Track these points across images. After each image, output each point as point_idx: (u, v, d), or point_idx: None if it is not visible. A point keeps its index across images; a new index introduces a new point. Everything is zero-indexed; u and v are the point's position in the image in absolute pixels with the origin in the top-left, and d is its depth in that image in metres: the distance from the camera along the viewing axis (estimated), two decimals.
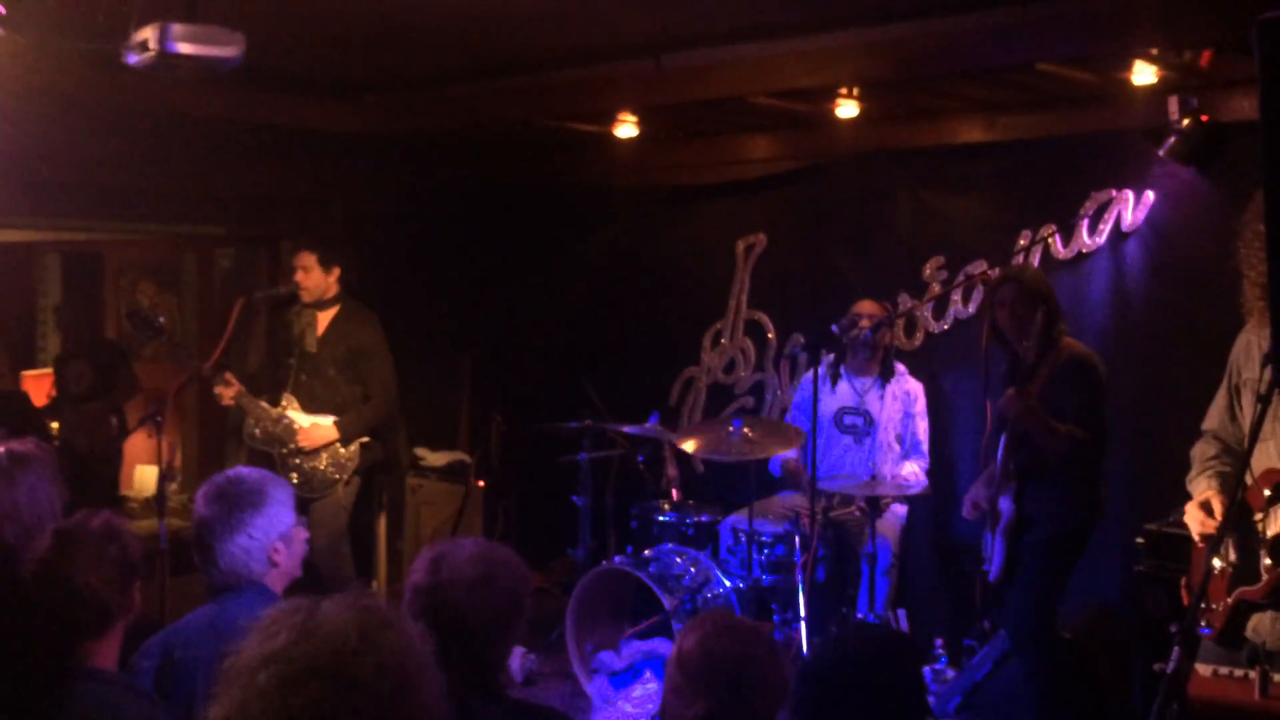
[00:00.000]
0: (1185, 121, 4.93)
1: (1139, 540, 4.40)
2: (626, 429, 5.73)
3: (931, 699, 4.81)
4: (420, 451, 7.15)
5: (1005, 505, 4.41)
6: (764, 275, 6.50)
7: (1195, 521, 3.10)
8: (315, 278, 5.60)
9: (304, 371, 5.62)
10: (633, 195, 7.01)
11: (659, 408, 6.15)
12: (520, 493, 7.04)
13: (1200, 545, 3.09)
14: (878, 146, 6.06)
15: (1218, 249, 3.40)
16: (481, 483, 6.86)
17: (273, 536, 2.77)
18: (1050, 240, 5.41)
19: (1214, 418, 3.30)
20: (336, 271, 5.64)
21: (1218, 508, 3.06)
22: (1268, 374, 2.45)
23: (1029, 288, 4.36)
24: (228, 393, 5.42)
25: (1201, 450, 3.30)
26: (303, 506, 5.40)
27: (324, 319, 5.67)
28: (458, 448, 7.41)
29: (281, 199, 6.68)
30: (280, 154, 6.50)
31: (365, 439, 5.58)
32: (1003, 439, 4.38)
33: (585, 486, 5.68)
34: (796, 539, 5.10)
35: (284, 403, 5.56)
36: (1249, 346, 3.13)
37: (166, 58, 3.32)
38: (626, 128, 6.29)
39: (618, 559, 5.26)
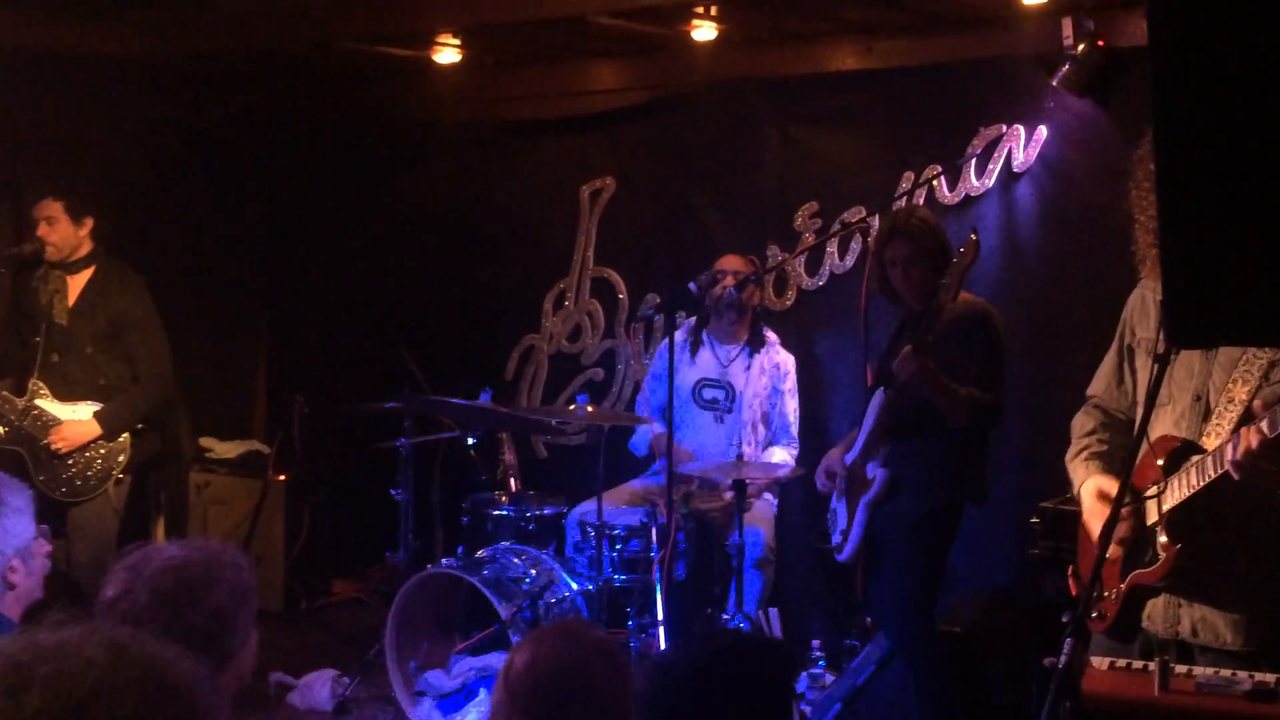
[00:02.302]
0: (1080, 46, 5.09)
1: (1033, 520, 4.54)
2: (455, 403, 5.67)
3: (808, 708, 4.92)
4: (207, 442, 7.01)
5: (874, 471, 4.48)
6: (613, 226, 6.51)
7: (1099, 519, 3.13)
8: (62, 231, 5.36)
9: (55, 350, 5.40)
10: (458, 132, 6.95)
11: (493, 382, 6.11)
12: (329, 487, 6.96)
13: (1092, 535, 3.17)
14: (740, 75, 6.11)
15: (1118, 191, 3.51)
16: (282, 476, 6.74)
17: (7, 554, 2.66)
18: (935, 183, 5.54)
19: (1100, 382, 3.41)
20: (89, 224, 5.41)
21: (1112, 492, 3.11)
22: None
23: (922, 242, 4.39)
24: None
25: (1080, 423, 3.41)
26: (61, 513, 5.23)
27: (76, 284, 5.44)
28: (252, 436, 7.27)
29: (23, 137, 6.38)
30: (21, 83, 6.20)
31: (138, 427, 5.41)
32: (876, 396, 4.46)
33: (406, 478, 5.61)
34: (653, 531, 5.12)
35: (31, 390, 5.34)
36: (1143, 302, 3.24)
37: None
38: (447, 52, 6.19)
39: (446, 562, 5.22)
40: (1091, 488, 3.21)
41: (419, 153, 7.05)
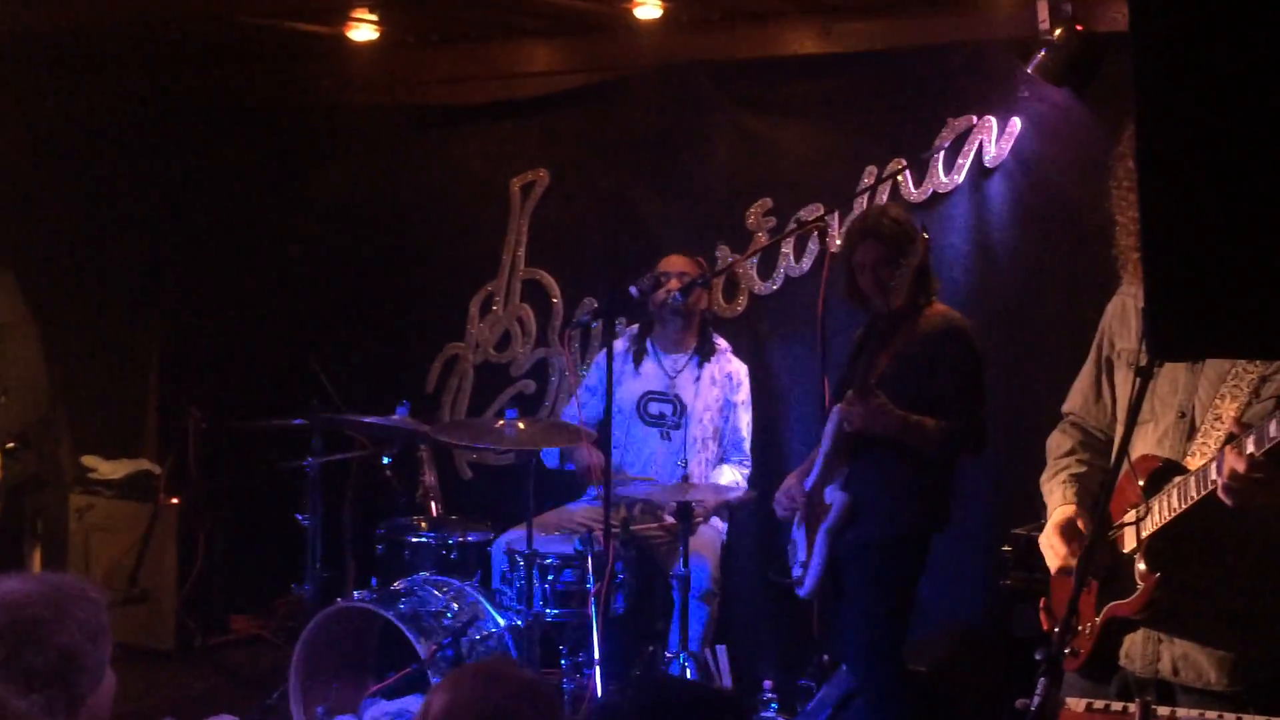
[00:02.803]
0: (1057, 32, 5.16)
1: (1006, 549, 4.58)
2: (369, 420, 5.64)
3: None
4: (90, 461, 6.90)
5: (833, 496, 4.50)
6: (546, 223, 6.51)
7: (1052, 552, 3.16)
8: None
9: None
10: (374, 119, 6.92)
11: (412, 395, 6.07)
12: (228, 512, 6.89)
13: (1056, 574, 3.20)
14: (688, 58, 6.13)
15: (1098, 188, 3.54)
16: (175, 499, 6.67)
17: None
18: (900, 178, 5.58)
19: (1076, 397, 3.44)
20: None
21: (1086, 529, 3.14)
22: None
23: (895, 243, 4.40)
24: None
25: (1056, 443, 3.44)
26: None
27: None
28: (142, 454, 7.19)
29: None
30: None
31: (9, 445, 5.33)
32: (834, 412, 4.48)
33: (314, 501, 5.57)
34: (589, 561, 5.12)
35: None
36: (1124, 309, 3.27)
37: None
38: (363, 29, 6.17)
39: (358, 595, 5.19)
40: (1056, 517, 3.24)
41: (331, 142, 7.00)
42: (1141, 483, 2.99)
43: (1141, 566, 2.97)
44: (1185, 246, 1.78)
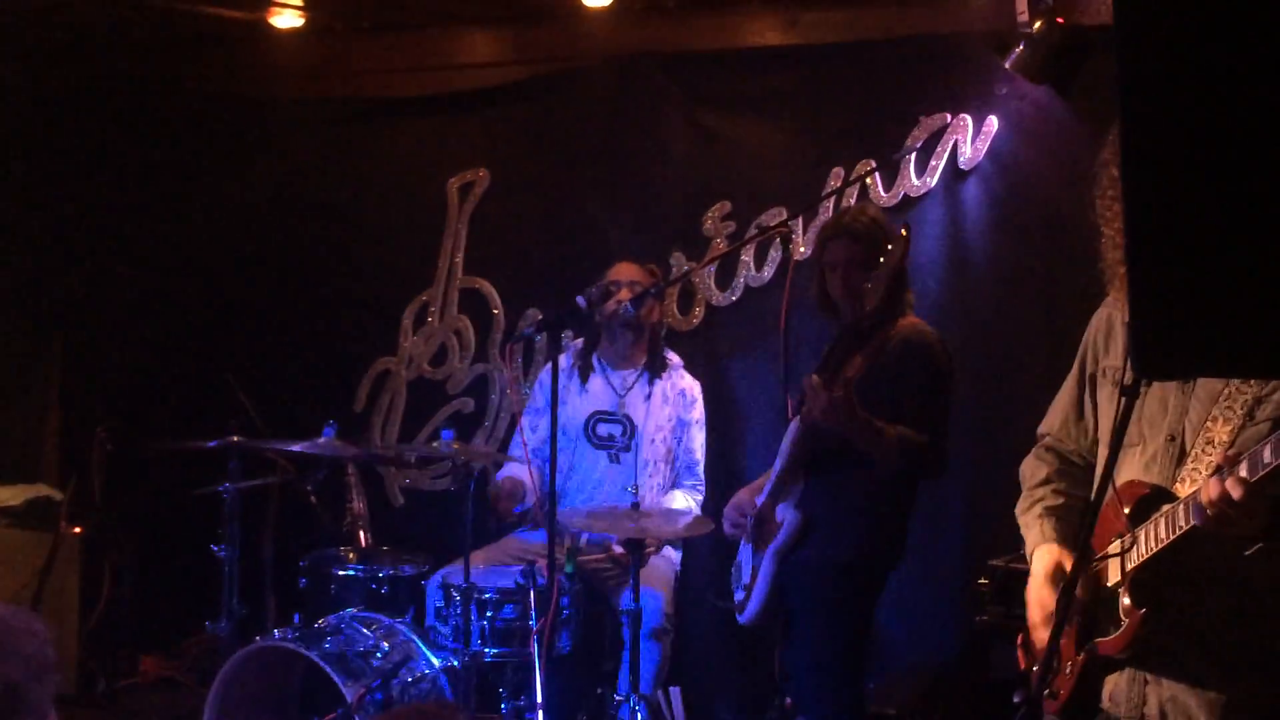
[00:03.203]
0: (1037, 24, 5.21)
1: (981, 582, 4.60)
2: (292, 446, 5.60)
3: None
4: None
5: (785, 514, 4.49)
6: (486, 227, 6.52)
7: (1040, 608, 3.17)
8: None
9: None
10: (299, 113, 6.93)
11: (339, 415, 6.03)
12: (137, 541, 6.85)
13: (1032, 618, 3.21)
14: (640, 50, 6.15)
15: (1080, 193, 3.56)
16: (78, 529, 6.61)
17: None
18: (869, 180, 5.61)
19: (1054, 417, 3.44)
20: None
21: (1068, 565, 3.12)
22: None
23: (869, 243, 4.40)
24: None
25: (1031, 470, 3.44)
26: None
27: None
28: (40, 479, 7.10)
29: None
30: None
31: None
32: (791, 428, 4.48)
33: (231, 530, 5.52)
34: (531, 595, 5.10)
35: None
36: (1109, 324, 3.29)
37: None
38: (287, 15, 6.17)
39: (278, 633, 5.15)
40: (1044, 561, 3.24)
41: (251, 138, 6.98)
42: (1127, 511, 3.00)
43: (1126, 601, 2.98)
44: (1174, 255, 1.77)
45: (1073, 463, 3.38)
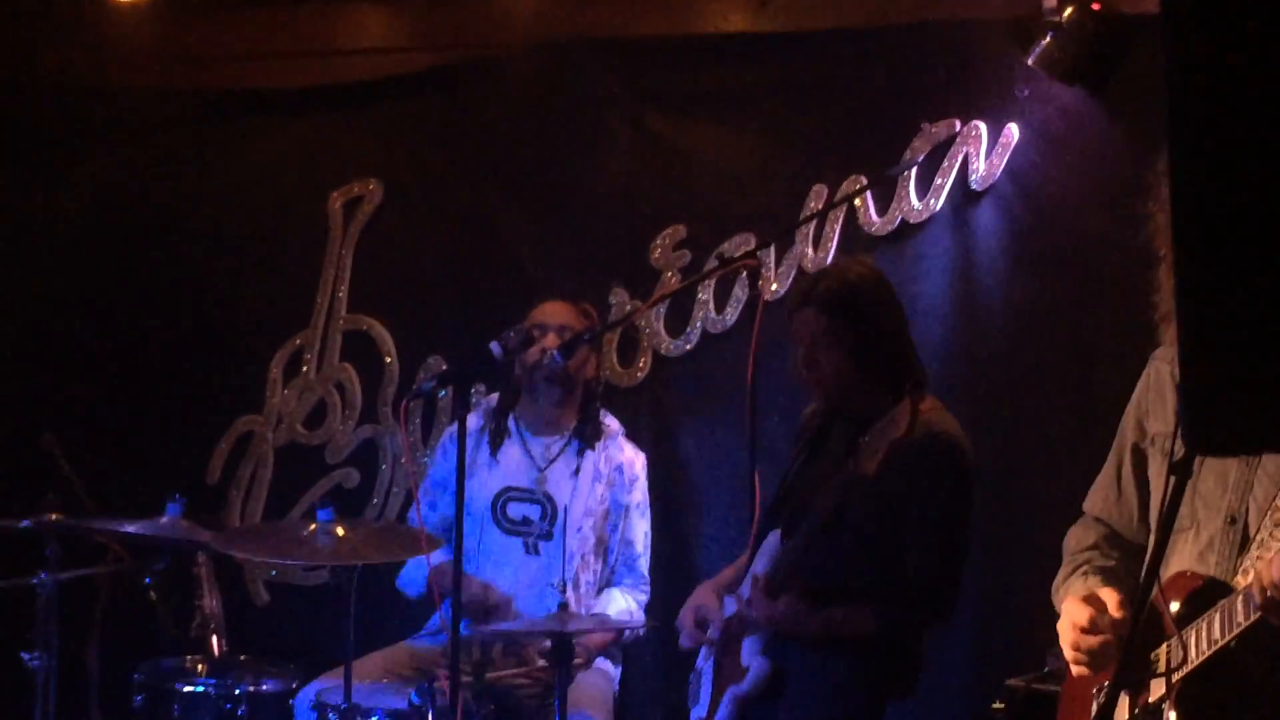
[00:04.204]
0: (1067, 11, 5.23)
1: (996, 706, 4.59)
2: (126, 527, 5.54)
3: None
4: None
5: (750, 658, 4.42)
6: (378, 253, 6.52)
7: (1071, 629, 3.18)
8: None
9: None
10: (142, 106, 6.89)
11: (188, 489, 5.96)
12: None
13: (1074, 680, 3.19)
14: (575, 34, 6.16)
15: (1119, 217, 3.53)
16: None
17: None
18: (859, 202, 5.61)
19: (1097, 494, 3.48)
20: None
21: (1112, 604, 3.14)
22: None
23: (840, 312, 4.30)
24: None
25: (1076, 538, 3.47)
26: None
27: None
28: None
29: None
30: None
31: None
32: (770, 539, 4.45)
33: (48, 633, 5.46)
34: (430, 718, 5.05)
35: None
36: (1159, 381, 3.29)
37: None
38: None
39: None
40: (1079, 591, 3.24)
41: (85, 137, 6.94)
42: (1176, 607, 2.99)
43: (1172, 715, 2.97)
44: (1233, 306, 1.76)
45: (1118, 536, 3.39)
